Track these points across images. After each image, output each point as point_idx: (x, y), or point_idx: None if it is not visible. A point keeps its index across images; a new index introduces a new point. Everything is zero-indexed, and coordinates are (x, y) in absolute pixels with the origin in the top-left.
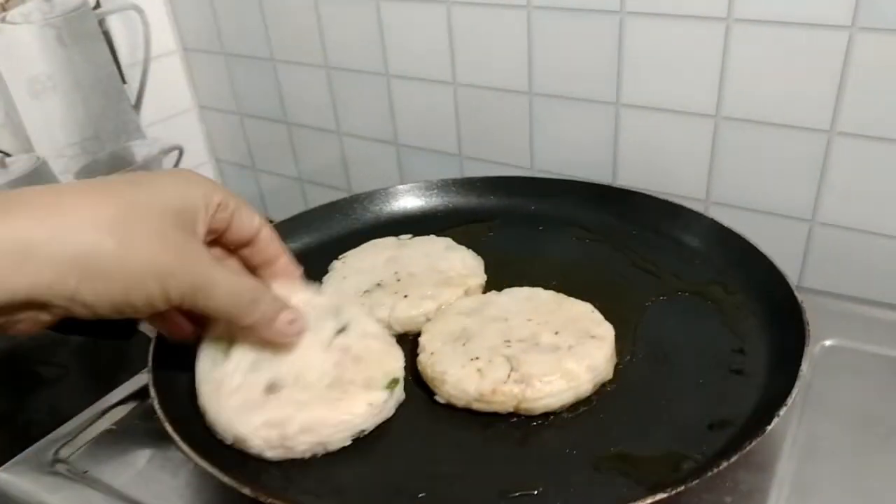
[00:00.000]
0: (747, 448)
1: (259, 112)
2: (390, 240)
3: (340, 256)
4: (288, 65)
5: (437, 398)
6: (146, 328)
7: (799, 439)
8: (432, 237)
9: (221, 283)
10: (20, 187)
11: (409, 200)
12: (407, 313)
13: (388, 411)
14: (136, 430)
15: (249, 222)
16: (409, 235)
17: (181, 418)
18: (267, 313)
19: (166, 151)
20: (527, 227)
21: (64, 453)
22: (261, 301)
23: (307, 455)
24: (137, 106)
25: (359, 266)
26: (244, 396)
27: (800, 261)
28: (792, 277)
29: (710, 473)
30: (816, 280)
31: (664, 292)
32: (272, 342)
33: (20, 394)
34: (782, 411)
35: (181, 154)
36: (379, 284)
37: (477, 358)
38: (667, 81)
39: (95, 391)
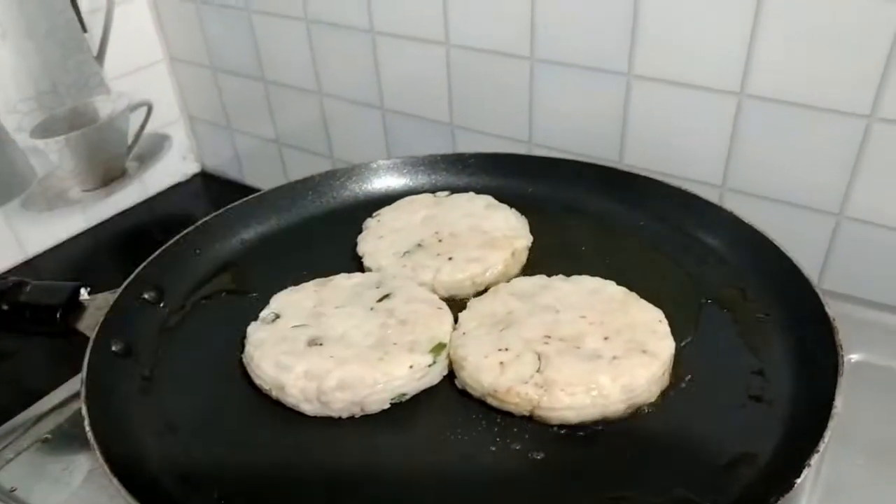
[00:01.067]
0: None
1: (234, 67)
2: (426, 196)
3: (374, 214)
4: (264, 16)
5: (456, 382)
6: (85, 327)
7: (822, 477)
8: (471, 194)
9: None
10: None
11: (392, 179)
12: (453, 277)
13: (433, 378)
14: (74, 440)
15: None
16: (447, 192)
17: (115, 440)
18: None
19: (133, 107)
20: (522, 211)
21: None
22: None
23: (344, 414)
24: (100, 57)
25: (394, 225)
26: (288, 347)
27: (821, 259)
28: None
29: None
30: (838, 282)
31: (679, 299)
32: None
33: None
34: (813, 459)
35: (150, 110)
36: (419, 245)
37: (507, 349)
38: (687, 51)
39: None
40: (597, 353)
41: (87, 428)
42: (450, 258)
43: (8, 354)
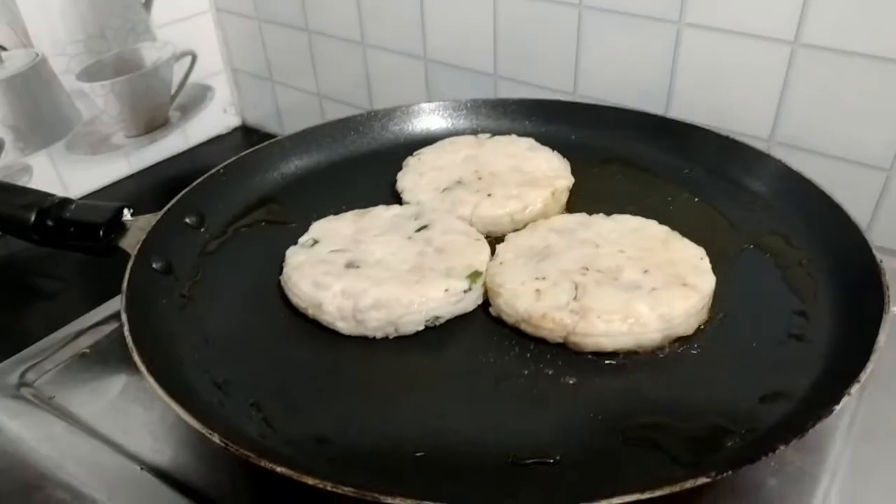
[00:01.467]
0: (808, 431)
1: (279, 18)
2: (468, 138)
3: (415, 153)
4: None
5: (490, 310)
6: (127, 245)
7: (859, 419)
8: (513, 136)
9: None
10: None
11: (433, 121)
12: (491, 212)
13: (468, 304)
14: (111, 356)
15: None
16: (489, 134)
17: (155, 350)
18: None
19: (178, 57)
20: (564, 155)
21: (30, 377)
22: None
23: (378, 334)
24: (147, 5)
25: (435, 163)
26: (326, 269)
27: (870, 214)
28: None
29: (763, 457)
30: (887, 238)
31: (719, 242)
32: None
33: (15, 306)
34: (853, 388)
35: (194, 60)
36: (459, 182)
37: (543, 278)
38: None
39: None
40: (636, 283)
41: (127, 333)
42: (489, 195)
43: (53, 272)
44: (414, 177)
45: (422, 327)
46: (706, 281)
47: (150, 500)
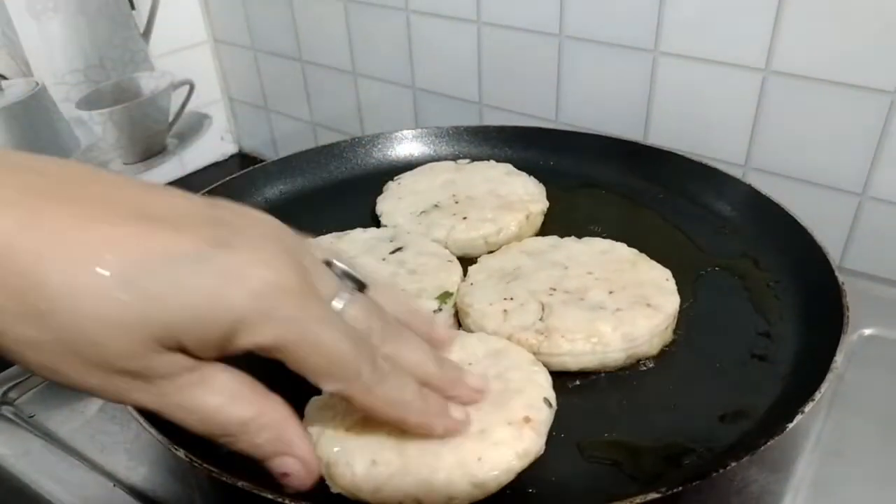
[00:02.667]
0: (761, 449)
1: (274, 49)
2: (447, 163)
3: (395, 178)
4: None
5: (461, 329)
6: None
7: (824, 437)
8: (492, 162)
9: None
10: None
11: (415, 147)
12: (466, 235)
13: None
14: None
15: (314, 380)
16: (468, 160)
17: None
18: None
19: (176, 86)
20: (542, 181)
21: (12, 395)
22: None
23: None
24: (147, 35)
25: (414, 187)
26: None
27: (844, 239)
28: (834, 257)
29: (714, 474)
30: (861, 262)
31: (686, 264)
32: None
33: None
34: (808, 407)
35: (191, 90)
36: (436, 206)
37: (511, 299)
38: (713, 28)
39: None
40: (600, 304)
41: None
42: (464, 218)
43: None
44: (393, 201)
45: None
46: (670, 301)
47: None
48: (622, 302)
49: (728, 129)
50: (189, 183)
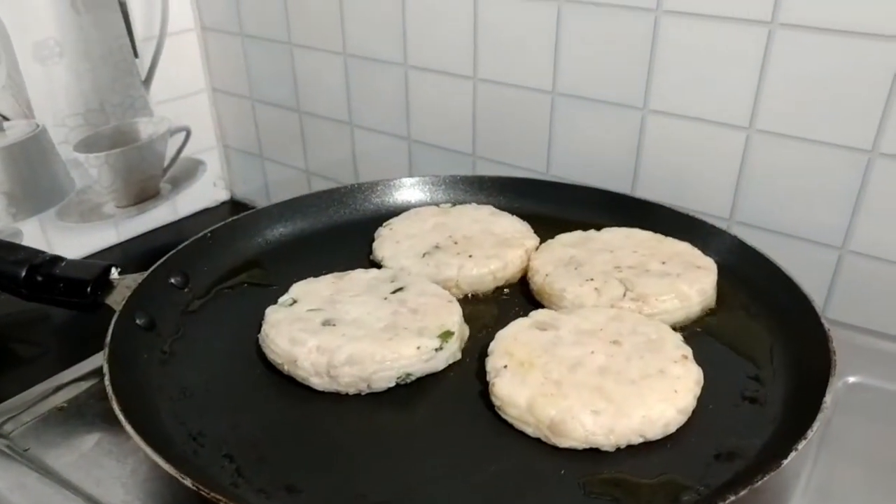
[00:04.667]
0: (758, 483)
1: (272, 98)
2: (431, 208)
3: (385, 224)
4: (305, 50)
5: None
6: (112, 301)
7: (814, 481)
8: (473, 204)
9: None
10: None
11: (412, 194)
12: (477, 271)
13: (438, 363)
14: (87, 411)
15: None
16: (449, 204)
17: (133, 399)
18: None
19: (173, 132)
20: (535, 229)
21: (7, 428)
22: None
23: (351, 390)
24: (147, 82)
25: (407, 231)
26: (303, 326)
27: (825, 290)
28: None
29: None
30: (842, 312)
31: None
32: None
33: None
34: (801, 445)
35: (188, 136)
36: (437, 247)
37: (592, 279)
38: (699, 88)
39: None
40: (664, 272)
41: (107, 383)
42: (470, 256)
43: (39, 327)
44: (391, 245)
45: (393, 384)
46: (710, 262)
47: None
48: (677, 268)
49: (713, 184)
50: (180, 228)
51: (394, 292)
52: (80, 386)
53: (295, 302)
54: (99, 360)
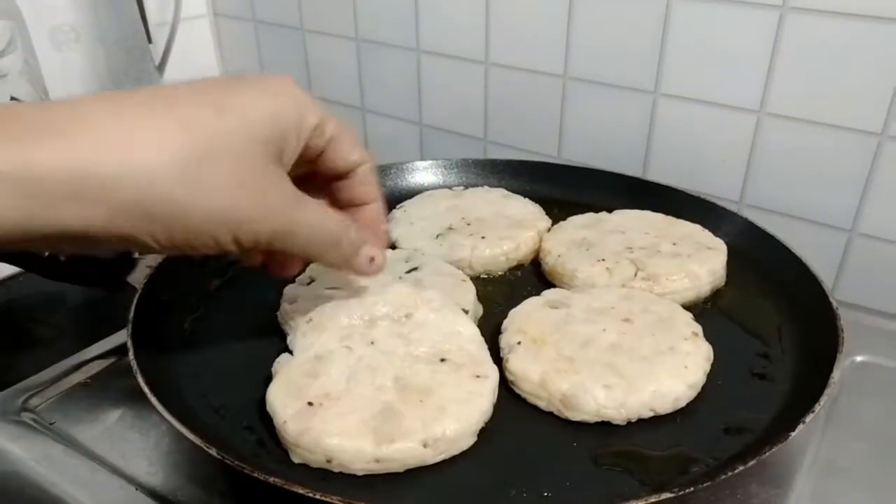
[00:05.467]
0: (766, 453)
1: None
2: (444, 191)
3: (398, 206)
4: (318, 35)
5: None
6: (134, 280)
7: (820, 456)
8: (485, 188)
9: (302, 228)
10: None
11: (425, 177)
12: (490, 252)
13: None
14: (111, 387)
15: (347, 155)
16: (462, 187)
17: (156, 374)
18: (347, 252)
19: None
20: (546, 212)
21: (33, 403)
22: (342, 242)
23: None
24: (161, 67)
25: (420, 214)
26: (320, 303)
27: (835, 272)
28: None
29: (722, 476)
30: (850, 293)
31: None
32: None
33: (10, 352)
34: (809, 418)
35: None
36: (450, 228)
37: (603, 260)
38: (710, 72)
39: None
40: (675, 252)
41: (131, 357)
42: (482, 237)
43: (63, 304)
44: (405, 226)
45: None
46: (720, 243)
47: None
48: (688, 249)
49: (724, 167)
50: None
51: (408, 272)
52: (102, 363)
53: (312, 280)
54: (119, 338)
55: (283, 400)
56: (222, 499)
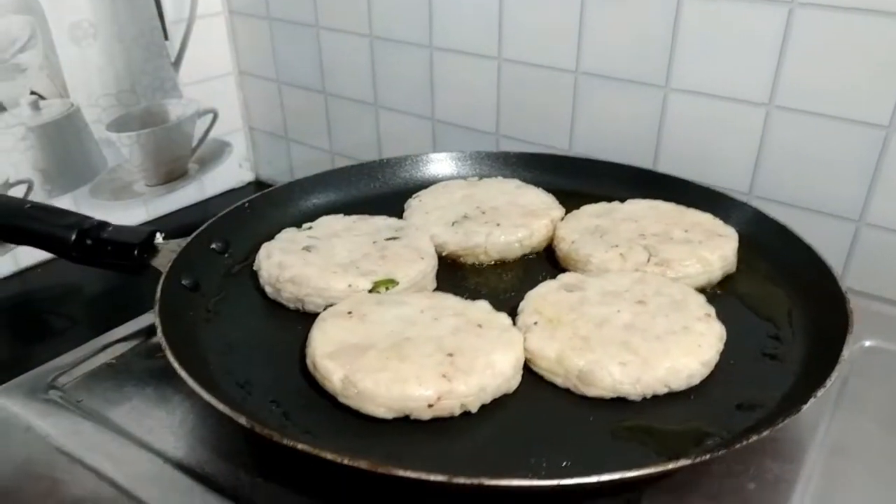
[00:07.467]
0: (780, 424)
1: (298, 81)
2: (458, 181)
3: (414, 196)
4: (332, 32)
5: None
6: (158, 264)
7: (830, 434)
8: (499, 178)
9: None
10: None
11: (439, 169)
12: (504, 238)
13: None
14: (136, 367)
15: None
16: (477, 177)
17: (183, 351)
18: None
19: (201, 113)
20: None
21: (60, 381)
22: None
23: (291, 305)
24: (177, 64)
25: (436, 203)
26: (286, 247)
27: (843, 261)
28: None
29: (738, 445)
30: (859, 282)
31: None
32: None
33: (25, 342)
34: (820, 392)
35: (215, 118)
36: (466, 216)
37: (616, 246)
38: (720, 66)
39: None
40: (687, 239)
41: (160, 333)
42: (497, 224)
43: (91, 288)
44: (421, 215)
45: (320, 310)
46: (732, 231)
47: (171, 488)
48: (699, 236)
49: (733, 159)
50: (207, 206)
51: (388, 239)
52: (127, 344)
53: (310, 228)
54: (142, 321)
55: None
56: (248, 471)
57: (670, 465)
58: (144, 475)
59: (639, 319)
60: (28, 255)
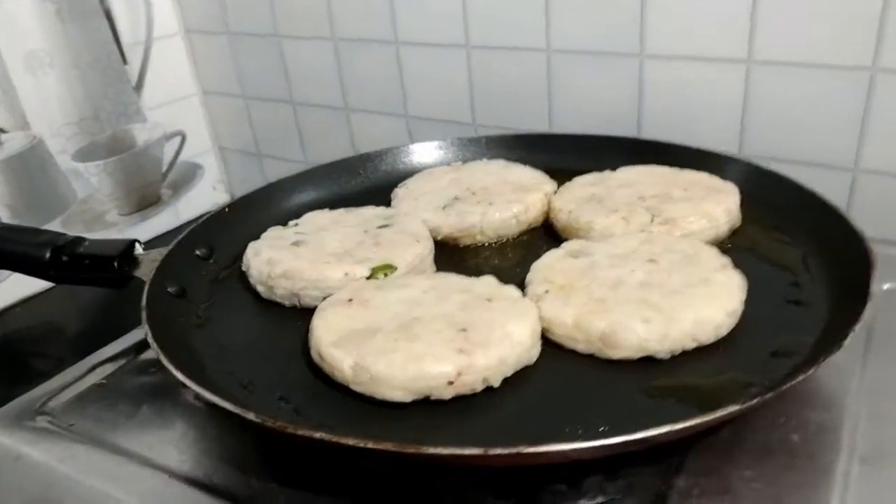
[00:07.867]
0: (823, 361)
1: (264, 93)
2: (443, 167)
3: (400, 185)
4: (294, 40)
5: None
6: (141, 274)
7: (866, 379)
8: (484, 160)
9: None
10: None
11: (421, 159)
12: (501, 215)
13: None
14: (127, 385)
15: None
16: (460, 161)
17: (178, 357)
18: None
19: (168, 137)
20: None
21: (49, 406)
22: None
23: (286, 302)
24: (138, 88)
25: (423, 189)
26: (273, 243)
27: (843, 210)
28: None
29: (785, 387)
30: (863, 228)
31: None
32: None
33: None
34: (858, 326)
35: (183, 140)
36: (456, 199)
37: (617, 210)
38: (694, 25)
39: None
40: (688, 197)
41: (150, 340)
42: (490, 203)
43: (75, 307)
44: (410, 201)
45: (316, 304)
46: (731, 186)
47: (182, 503)
48: (700, 192)
49: (719, 121)
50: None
51: (379, 227)
52: (116, 364)
53: (296, 224)
54: (130, 339)
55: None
56: (259, 478)
57: (718, 413)
58: (150, 492)
59: (654, 277)
60: (7, 294)
